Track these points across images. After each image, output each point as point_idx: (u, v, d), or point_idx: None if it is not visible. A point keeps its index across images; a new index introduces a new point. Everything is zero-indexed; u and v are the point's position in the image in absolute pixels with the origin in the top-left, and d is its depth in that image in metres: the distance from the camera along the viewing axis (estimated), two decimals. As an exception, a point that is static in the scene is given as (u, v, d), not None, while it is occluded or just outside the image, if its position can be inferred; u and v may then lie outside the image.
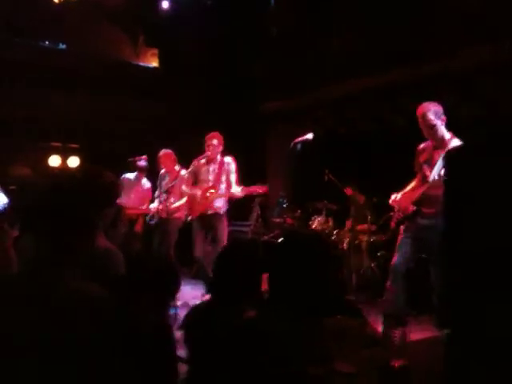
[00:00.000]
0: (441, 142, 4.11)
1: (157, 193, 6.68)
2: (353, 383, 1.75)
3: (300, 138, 4.69)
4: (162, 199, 6.30)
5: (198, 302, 5.41)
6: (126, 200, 6.86)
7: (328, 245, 2.32)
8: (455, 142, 4.02)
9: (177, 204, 6.28)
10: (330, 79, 7.22)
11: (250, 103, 8.50)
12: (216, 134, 5.91)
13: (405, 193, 4.34)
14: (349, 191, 6.97)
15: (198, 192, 5.90)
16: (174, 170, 6.43)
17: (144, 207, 6.78)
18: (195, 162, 5.92)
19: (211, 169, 5.91)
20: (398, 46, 6.43)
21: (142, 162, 7.13)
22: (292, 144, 4.70)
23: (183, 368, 2.27)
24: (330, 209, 6.91)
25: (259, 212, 7.79)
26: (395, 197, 4.33)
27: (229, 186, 5.85)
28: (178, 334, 2.40)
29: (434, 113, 4.08)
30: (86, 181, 2.52)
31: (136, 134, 9.11)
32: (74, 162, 9.30)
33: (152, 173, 7.14)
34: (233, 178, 5.85)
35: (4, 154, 8.40)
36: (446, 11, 5.85)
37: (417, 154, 4.33)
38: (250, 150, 7.11)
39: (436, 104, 4.16)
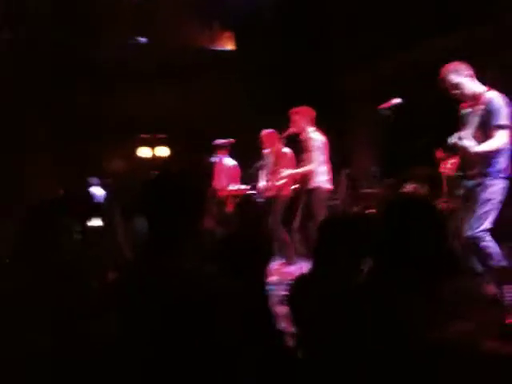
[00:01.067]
0: (473, 98, 3.83)
1: (262, 172, 6.76)
2: (472, 342, 1.70)
3: (387, 103, 4.56)
4: (268, 178, 6.39)
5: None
6: (214, 182, 7.04)
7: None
8: (491, 94, 3.74)
9: (281, 182, 6.30)
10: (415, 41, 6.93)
11: (331, 78, 8.36)
12: (300, 108, 5.85)
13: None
14: (440, 154, 6.70)
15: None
16: (277, 148, 6.45)
17: (233, 187, 6.89)
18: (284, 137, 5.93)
19: (301, 145, 5.89)
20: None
21: (218, 141, 7.23)
22: (379, 110, 4.57)
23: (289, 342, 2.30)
24: (423, 174, 6.68)
25: (347, 184, 7.69)
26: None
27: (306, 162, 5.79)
28: (279, 308, 2.44)
29: (454, 72, 3.83)
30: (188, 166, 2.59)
31: (216, 119, 9.26)
32: (162, 151, 9.66)
33: (239, 154, 7.26)
34: (310, 154, 5.75)
35: (97, 148, 8.87)
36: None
37: (459, 113, 4.03)
38: (334, 122, 6.99)
39: (456, 63, 3.88)
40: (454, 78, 3.84)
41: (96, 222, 3.51)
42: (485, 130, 3.72)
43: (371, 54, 7.66)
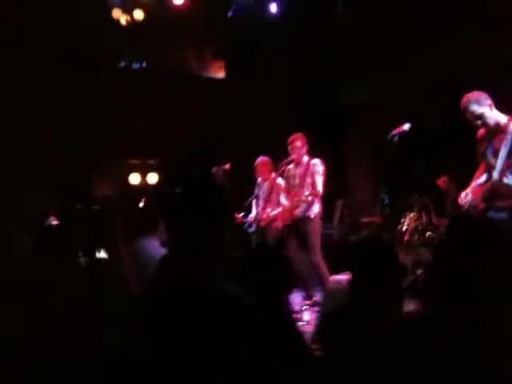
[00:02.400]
0: (497, 128, 3.80)
1: (255, 201, 6.64)
2: None
3: (397, 130, 4.51)
4: (260, 208, 6.29)
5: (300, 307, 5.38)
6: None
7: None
8: None
9: (274, 213, 6.22)
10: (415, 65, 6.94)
11: (327, 101, 8.34)
12: (298, 135, 5.81)
13: (472, 187, 4.01)
14: (442, 182, 6.70)
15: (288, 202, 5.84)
16: (271, 178, 6.37)
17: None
18: (284, 167, 5.84)
19: (297, 172, 5.79)
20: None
21: (215, 169, 7.12)
22: (389, 136, 4.52)
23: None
24: (423, 204, 6.64)
25: (344, 212, 7.63)
26: (465, 194, 4.01)
27: (314, 188, 5.65)
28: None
29: (475, 102, 3.81)
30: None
31: (210, 145, 9.16)
32: (152, 178, 9.47)
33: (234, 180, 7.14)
34: (318, 179, 5.65)
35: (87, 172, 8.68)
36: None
37: (477, 143, 4.03)
38: (329, 148, 6.94)
39: (477, 92, 3.87)
40: (477, 109, 3.81)
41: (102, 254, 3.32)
42: None
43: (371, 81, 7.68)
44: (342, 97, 8.48)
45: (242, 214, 6.87)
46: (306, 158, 5.80)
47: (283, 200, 6.04)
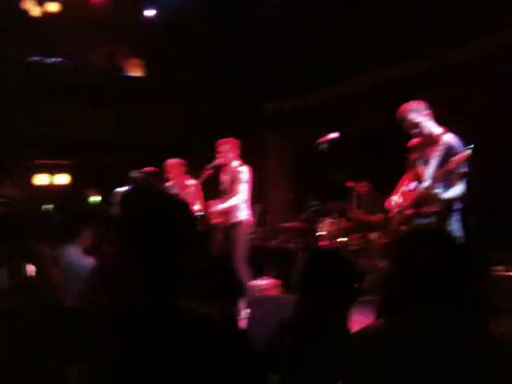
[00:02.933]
0: (431, 139, 3.93)
1: None
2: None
3: (325, 137, 4.57)
4: None
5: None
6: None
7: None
8: (447, 137, 3.84)
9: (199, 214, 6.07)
10: (337, 76, 7.10)
11: (248, 105, 8.34)
12: (227, 139, 5.72)
13: (402, 193, 4.13)
14: (362, 187, 6.91)
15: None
16: (181, 181, 6.22)
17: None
18: (208, 172, 5.74)
19: (225, 178, 5.72)
20: (409, 40, 6.32)
21: (135, 173, 6.90)
22: (316, 143, 4.56)
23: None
24: (340, 209, 6.81)
25: (261, 218, 7.63)
26: (394, 199, 4.15)
27: (235, 195, 5.59)
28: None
29: (413, 111, 3.91)
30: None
31: (125, 147, 8.85)
32: (62, 179, 9.00)
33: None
34: (241, 187, 5.59)
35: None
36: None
37: (408, 150, 4.14)
38: (248, 152, 6.95)
39: (415, 102, 3.98)
40: (415, 118, 3.90)
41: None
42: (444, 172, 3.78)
43: (291, 87, 7.75)
44: (264, 103, 8.52)
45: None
46: (235, 164, 5.71)
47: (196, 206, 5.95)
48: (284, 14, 7.62)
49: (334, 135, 4.57)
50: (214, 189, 5.94)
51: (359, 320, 2.13)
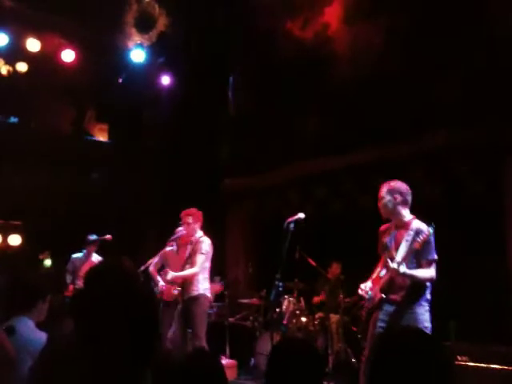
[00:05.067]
0: (401, 222, 3.97)
1: None
2: None
3: (292, 218, 4.57)
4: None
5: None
6: (80, 282, 6.37)
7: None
8: (416, 224, 3.88)
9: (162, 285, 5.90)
10: (295, 158, 7.30)
11: (210, 182, 8.39)
12: (191, 210, 5.64)
13: (373, 279, 4.11)
14: (334, 268, 6.92)
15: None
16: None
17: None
18: (171, 243, 5.61)
19: (188, 248, 5.59)
20: (364, 126, 6.62)
21: (91, 237, 6.74)
22: (285, 223, 4.56)
23: None
24: (301, 288, 6.73)
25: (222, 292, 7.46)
26: (364, 286, 4.09)
27: (192, 266, 5.44)
28: None
29: (388, 191, 3.95)
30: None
31: (81, 211, 8.65)
32: (15, 240, 8.66)
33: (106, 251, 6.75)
34: (199, 258, 5.43)
35: None
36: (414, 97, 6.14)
37: (379, 235, 4.16)
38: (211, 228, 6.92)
39: (397, 182, 4.00)
40: (387, 198, 3.94)
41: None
42: (414, 259, 3.81)
43: (254, 166, 7.88)
44: (225, 180, 8.60)
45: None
46: (198, 235, 5.61)
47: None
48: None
49: (300, 215, 4.58)
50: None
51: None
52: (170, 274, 5.40)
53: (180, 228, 5.61)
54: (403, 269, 3.68)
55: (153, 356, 1.66)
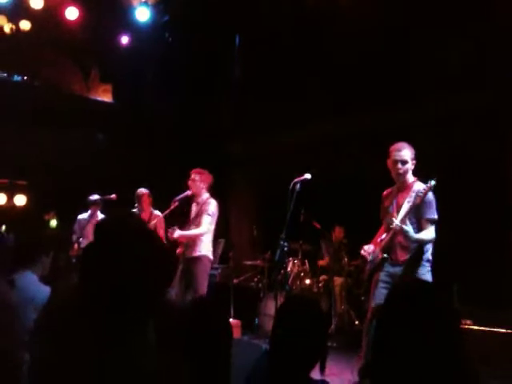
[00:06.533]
0: (404, 184, 4.03)
1: None
2: None
3: (299, 178, 4.54)
4: None
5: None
6: (86, 242, 6.40)
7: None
8: (418, 186, 3.94)
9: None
10: (300, 121, 7.20)
11: (214, 145, 8.33)
12: (199, 170, 5.60)
13: (375, 241, 4.18)
14: (337, 232, 6.92)
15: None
16: (149, 211, 6.10)
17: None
18: (177, 203, 5.59)
19: (194, 208, 5.58)
20: (370, 90, 6.50)
21: (92, 197, 6.73)
22: (292, 183, 4.53)
23: None
24: (305, 250, 6.74)
25: (224, 252, 7.49)
26: (368, 247, 4.16)
27: (197, 227, 5.44)
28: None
29: (410, 151, 3.99)
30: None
31: (86, 171, 8.63)
32: (20, 200, 8.69)
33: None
34: (205, 219, 5.42)
35: None
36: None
37: (382, 199, 4.24)
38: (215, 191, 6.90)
39: (410, 145, 4.06)
40: (408, 156, 3.95)
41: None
42: (415, 218, 3.83)
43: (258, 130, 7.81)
44: (230, 145, 8.54)
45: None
46: (205, 196, 5.58)
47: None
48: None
49: (307, 176, 4.54)
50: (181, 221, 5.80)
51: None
52: (177, 232, 5.39)
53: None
54: (406, 227, 3.69)
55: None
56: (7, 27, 7.53)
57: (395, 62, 6.29)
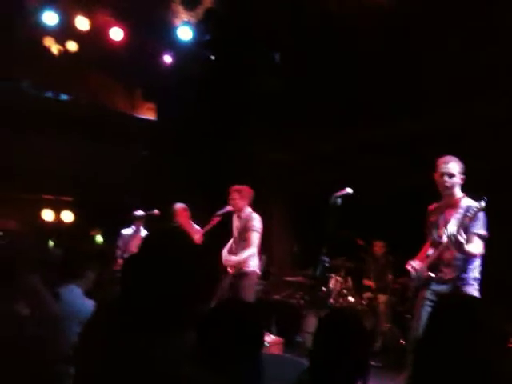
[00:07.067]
0: (451, 199, 3.91)
1: None
2: None
3: (340, 192, 4.49)
4: None
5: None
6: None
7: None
8: (466, 202, 3.83)
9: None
10: (339, 131, 7.13)
11: (251, 156, 8.34)
12: (242, 186, 5.62)
13: (420, 257, 4.06)
14: (378, 247, 6.80)
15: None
16: (189, 226, 6.15)
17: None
18: (217, 218, 5.62)
19: (236, 225, 5.60)
20: (414, 96, 6.39)
21: (138, 212, 6.82)
22: (332, 197, 4.48)
23: None
24: (348, 267, 6.64)
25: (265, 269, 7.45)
26: (414, 263, 4.04)
27: (247, 244, 5.44)
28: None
29: (458, 165, 3.87)
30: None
31: (129, 187, 8.80)
32: (67, 216, 8.92)
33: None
34: (253, 236, 5.44)
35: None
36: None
37: (428, 214, 4.11)
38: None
39: (458, 159, 3.94)
40: (456, 170, 3.85)
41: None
42: (463, 232, 3.70)
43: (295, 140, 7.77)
44: (265, 154, 8.55)
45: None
46: (248, 211, 5.59)
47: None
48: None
49: (348, 190, 4.49)
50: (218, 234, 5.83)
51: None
52: (233, 259, 5.43)
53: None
54: (461, 238, 3.56)
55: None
56: (55, 48, 7.78)
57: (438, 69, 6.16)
